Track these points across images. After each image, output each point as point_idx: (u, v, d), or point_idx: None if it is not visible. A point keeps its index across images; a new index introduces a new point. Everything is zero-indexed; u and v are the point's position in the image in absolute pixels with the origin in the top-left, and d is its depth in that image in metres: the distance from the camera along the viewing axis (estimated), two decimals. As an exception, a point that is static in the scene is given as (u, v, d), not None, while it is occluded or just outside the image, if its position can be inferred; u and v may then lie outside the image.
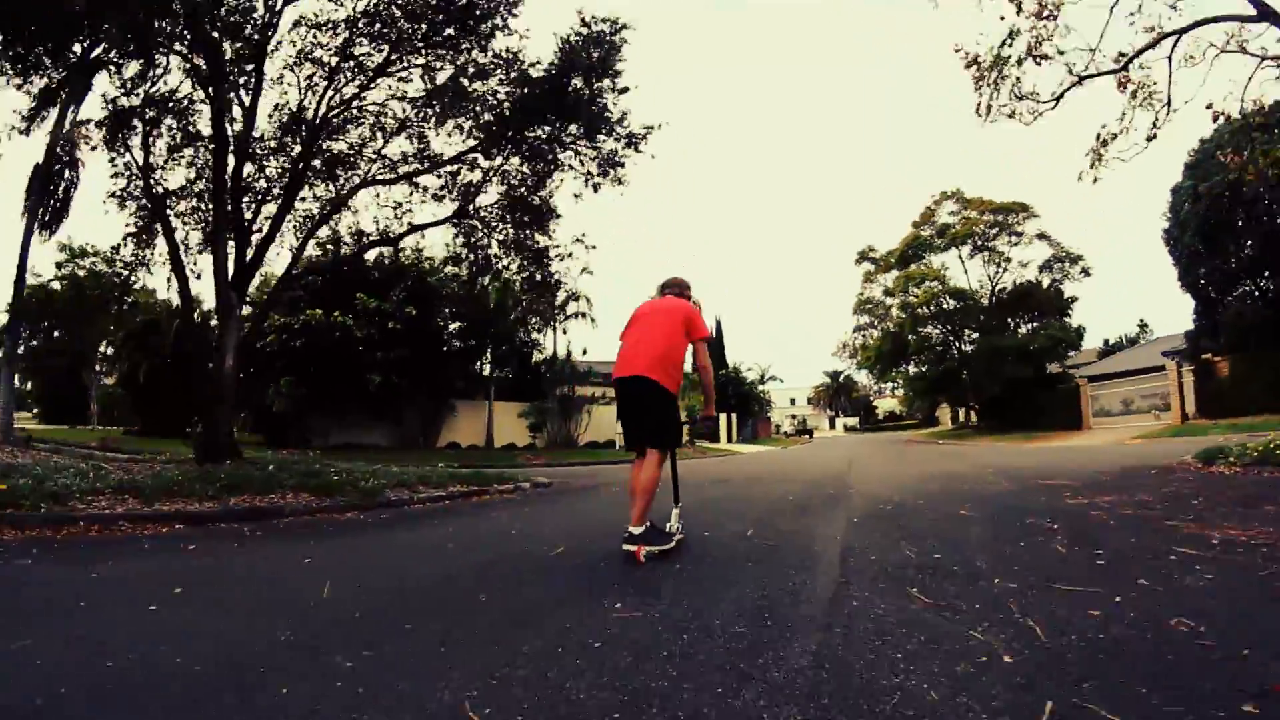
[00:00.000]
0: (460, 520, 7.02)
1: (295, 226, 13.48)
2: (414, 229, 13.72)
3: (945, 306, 36.67)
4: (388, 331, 24.12)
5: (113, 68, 10.87)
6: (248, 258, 11.73)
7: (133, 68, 10.78)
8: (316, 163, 12.42)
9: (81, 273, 34.67)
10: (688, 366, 4.97)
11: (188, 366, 30.44)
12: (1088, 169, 11.60)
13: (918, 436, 44.68)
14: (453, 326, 29.70)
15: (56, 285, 35.01)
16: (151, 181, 11.66)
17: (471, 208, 13.23)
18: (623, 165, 12.07)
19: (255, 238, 11.98)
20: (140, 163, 11.46)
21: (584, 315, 33.76)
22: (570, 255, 14.30)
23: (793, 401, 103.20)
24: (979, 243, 37.02)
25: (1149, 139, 11.27)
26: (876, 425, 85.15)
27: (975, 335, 37.79)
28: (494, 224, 13.50)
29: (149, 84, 10.90)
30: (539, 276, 14.42)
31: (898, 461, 15.90)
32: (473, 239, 14.21)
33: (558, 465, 20.88)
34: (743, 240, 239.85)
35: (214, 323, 32.58)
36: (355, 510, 7.47)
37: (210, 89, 10.56)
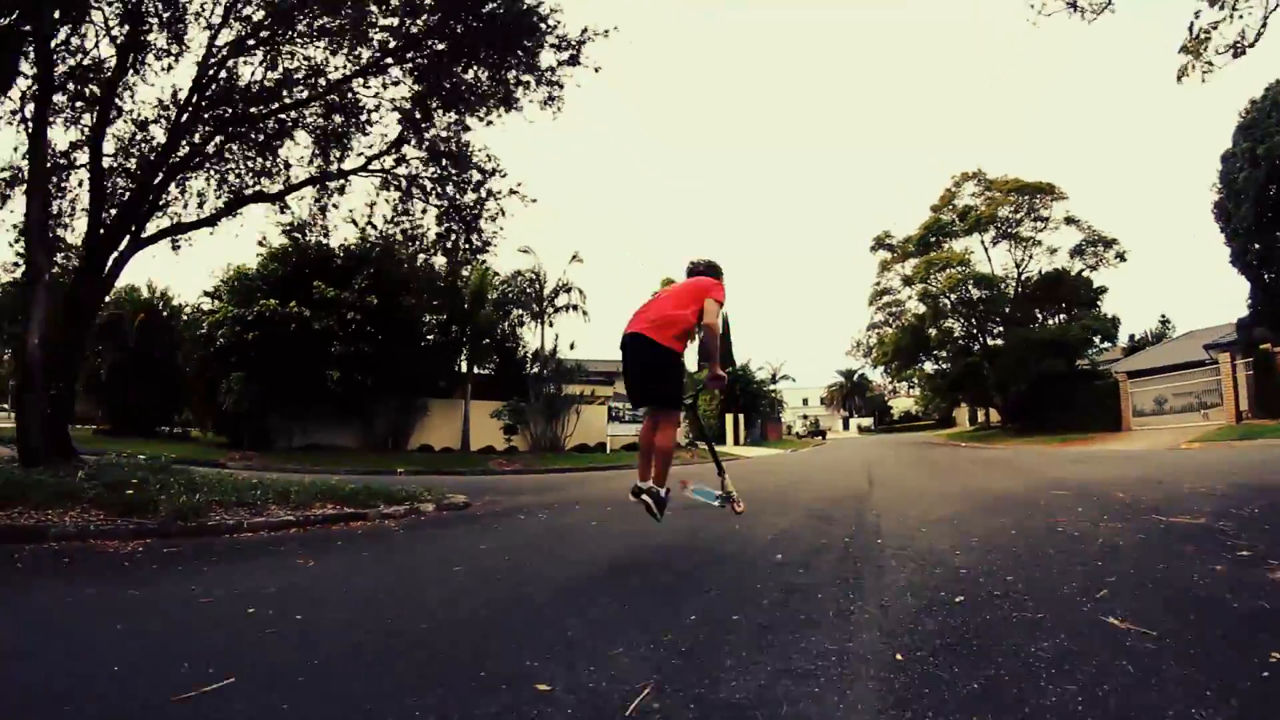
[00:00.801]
0: (227, 576, 4.34)
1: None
2: (303, 184, 11.11)
3: (970, 295, 33.80)
4: (348, 323, 21.93)
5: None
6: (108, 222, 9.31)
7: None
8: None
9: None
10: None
11: (154, 361, 28.65)
12: (1191, 61, 8.97)
13: (937, 438, 41.79)
14: (427, 319, 27.24)
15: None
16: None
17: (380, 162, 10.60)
18: (561, 85, 9.40)
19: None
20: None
21: (575, 308, 31.39)
22: (501, 213, 11.60)
23: (805, 402, 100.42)
24: (1003, 228, 34.14)
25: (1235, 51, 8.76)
26: (891, 426, 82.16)
27: (999, 329, 34.94)
28: (411, 178, 10.85)
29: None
30: (468, 240, 11.69)
31: (928, 472, 13.10)
32: (403, 203, 11.65)
33: (529, 473, 18.64)
34: (755, 235, 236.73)
35: (183, 314, 31.49)
36: (146, 538, 5.60)
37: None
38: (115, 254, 9.39)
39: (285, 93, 9.85)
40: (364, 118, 10.49)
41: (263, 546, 5.57)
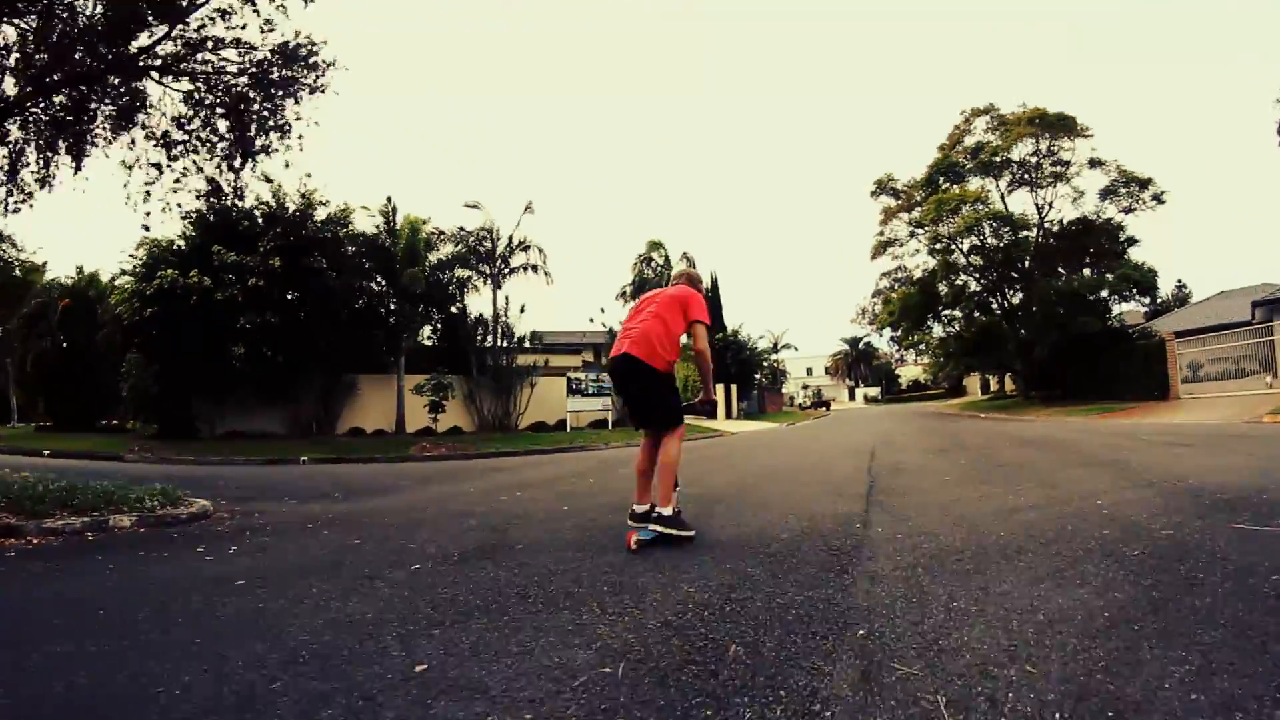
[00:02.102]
0: None
1: None
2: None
3: (986, 241, 29.46)
4: (253, 292, 18.58)
5: None
6: None
7: None
8: None
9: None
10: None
11: (79, 349, 25.04)
12: None
13: (950, 408, 37.69)
14: (361, 284, 23.20)
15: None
16: None
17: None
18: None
19: None
20: None
21: (535, 269, 27.37)
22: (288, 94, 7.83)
23: (809, 371, 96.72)
24: (1019, 173, 29.71)
25: None
26: (899, 395, 78.09)
27: (1019, 285, 30.69)
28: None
29: None
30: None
31: (954, 457, 9.23)
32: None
33: (456, 457, 15.47)
34: (757, 202, 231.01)
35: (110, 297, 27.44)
36: None
37: None
38: None
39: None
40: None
41: None
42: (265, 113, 9.76)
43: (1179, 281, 56.94)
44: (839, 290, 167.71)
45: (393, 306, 23.70)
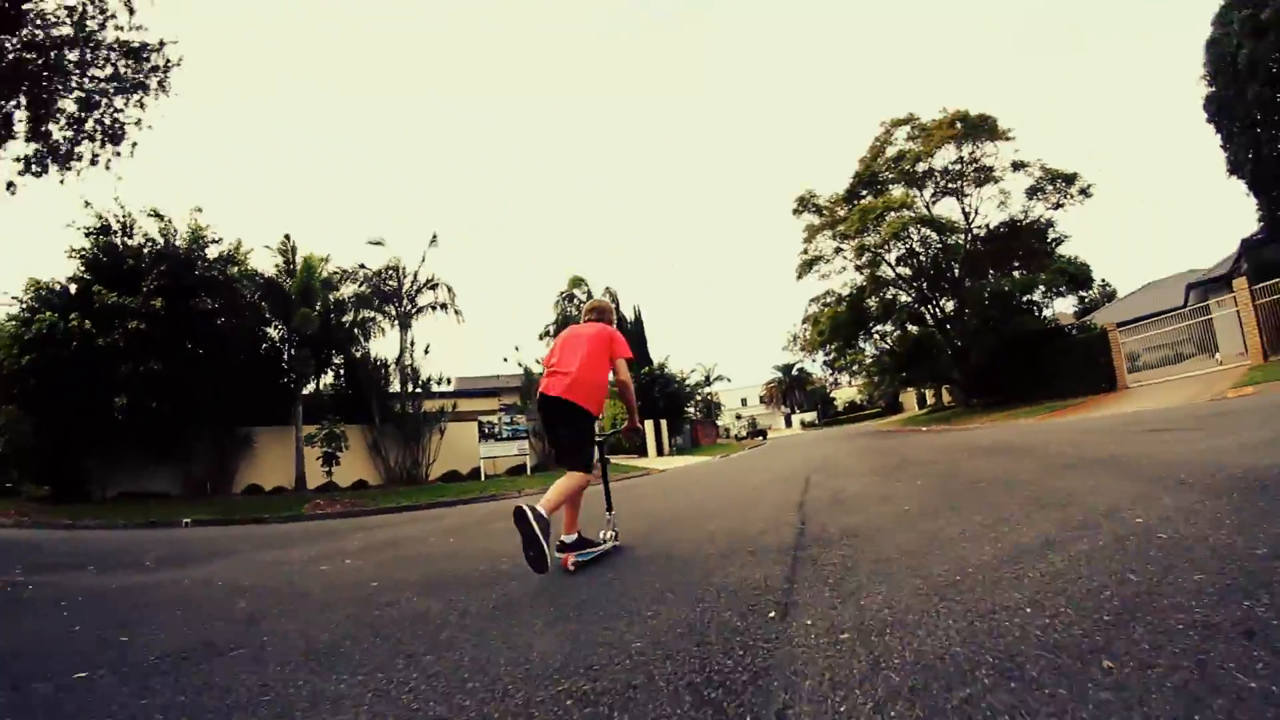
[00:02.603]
0: None
1: None
2: None
3: (916, 250, 28.60)
4: (134, 336, 16.81)
5: None
6: None
7: None
8: None
9: None
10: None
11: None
12: None
13: (888, 425, 36.62)
14: (257, 327, 21.10)
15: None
16: None
17: None
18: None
19: None
20: None
21: (444, 307, 25.38)
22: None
23: (744, 402, 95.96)
24: (943, 181, 29.04)
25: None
26: (836, 418, 77.53)
27: (949, 295, 29.87)
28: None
29: None
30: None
31: (909, 478, 7.65)
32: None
33: (353, 515, 13.94)
34: (682, 235, 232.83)
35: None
36: None
37: None
38: None
39: None
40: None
41: None
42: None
43: (1103, 281, 57.79)
44: (769, 319, 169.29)
45: (281, 351, 21.40)
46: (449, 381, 23.77)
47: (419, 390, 23.20)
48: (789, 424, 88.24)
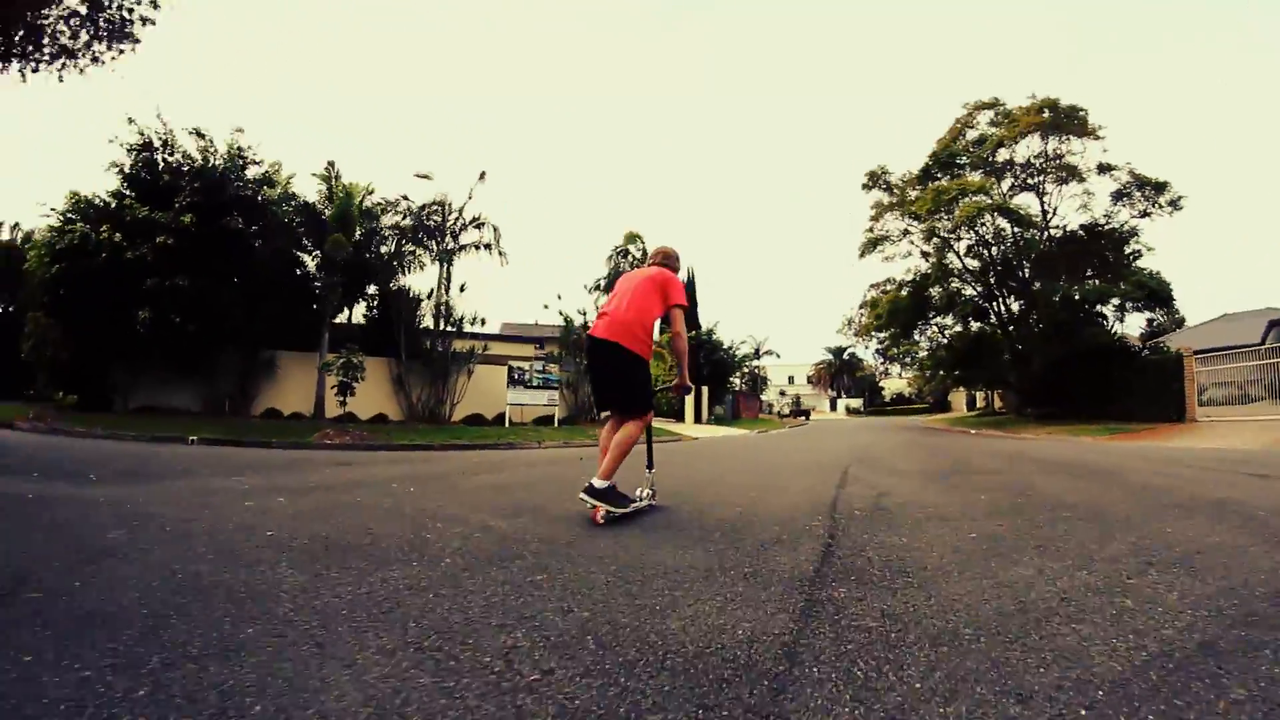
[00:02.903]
0: None
1: None
2: None
3: (988, 240, 26.77)
4: (161, 251, 16.49)
5: None
6: None
7: None
8: None
9: None
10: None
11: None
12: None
13: (935, 423, 34.93)
14: (292, 252, 20.92)
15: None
16: None
17: None
18: None
19: None
20: None
21: (488, 247, 24.47)
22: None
23: (791, 380, 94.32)
24: (1022, 176, 26.98)
25: None
26: (882, 408, 75.47)
27: (1017, 293, 27.96)
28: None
29: None
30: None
31: (964, 486, 6.46)
32: None
33: (357, 448, 13.12)
34: (745, 206, 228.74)
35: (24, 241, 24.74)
36: None
37: None
38: None
39: None
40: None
41: None
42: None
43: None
44: (825, 300, 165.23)
45: (317, 277, 20.88)
46: (483, 322, 22.86)
47: (450, 329, 22.40)
48: (834, 408, 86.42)
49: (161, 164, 17.94)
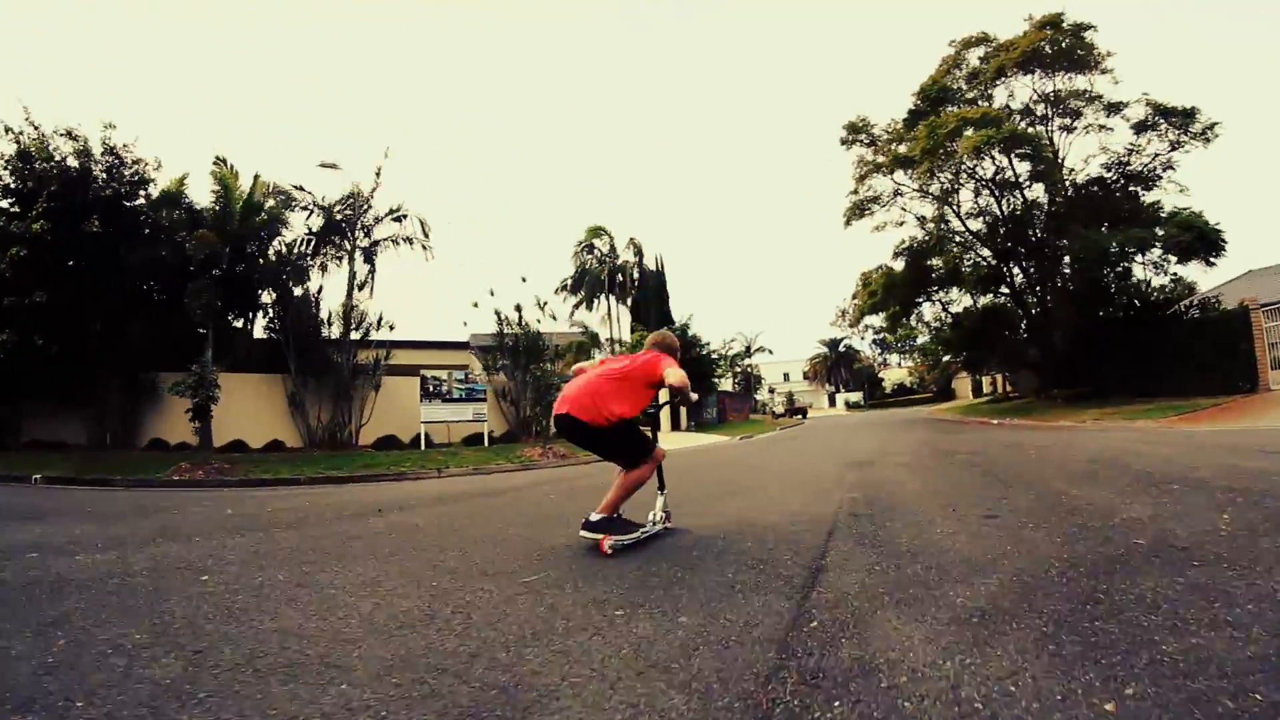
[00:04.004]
0: None
1: None
2: None
3: (998, 188, 22.84)
4: (20, 265, 14.55)
5: None
6: None
7: None
8: None
9: None
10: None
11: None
12: None
13: (946, 413, 31.00)
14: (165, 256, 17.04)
15: None
16: None
17: None
18: None
19: None
20: None
21: (409, 241, 20.76)
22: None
23: (786, 377, 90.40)
24: (1024, 122, 23.08)
25: None
26: (884, 400, 71.59)
27: (1030, 258, 24.06)
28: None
29: None
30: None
31: (1064, 537, 2.32)
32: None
33: (210, 485, 11.17)
34: (731, 199, 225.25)
35: None
36: None
37: None
38: None
39: None
40: None
41: None
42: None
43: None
44: (818, 293, 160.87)
45: (180, 283, 17.05)
46: (391, 327, 19.03)
47: (355, 338, 18.61)
48: (832, 403, 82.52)
49: (25, 170, 15.48)
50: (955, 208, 24.19)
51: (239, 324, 19.80)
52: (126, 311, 16.17)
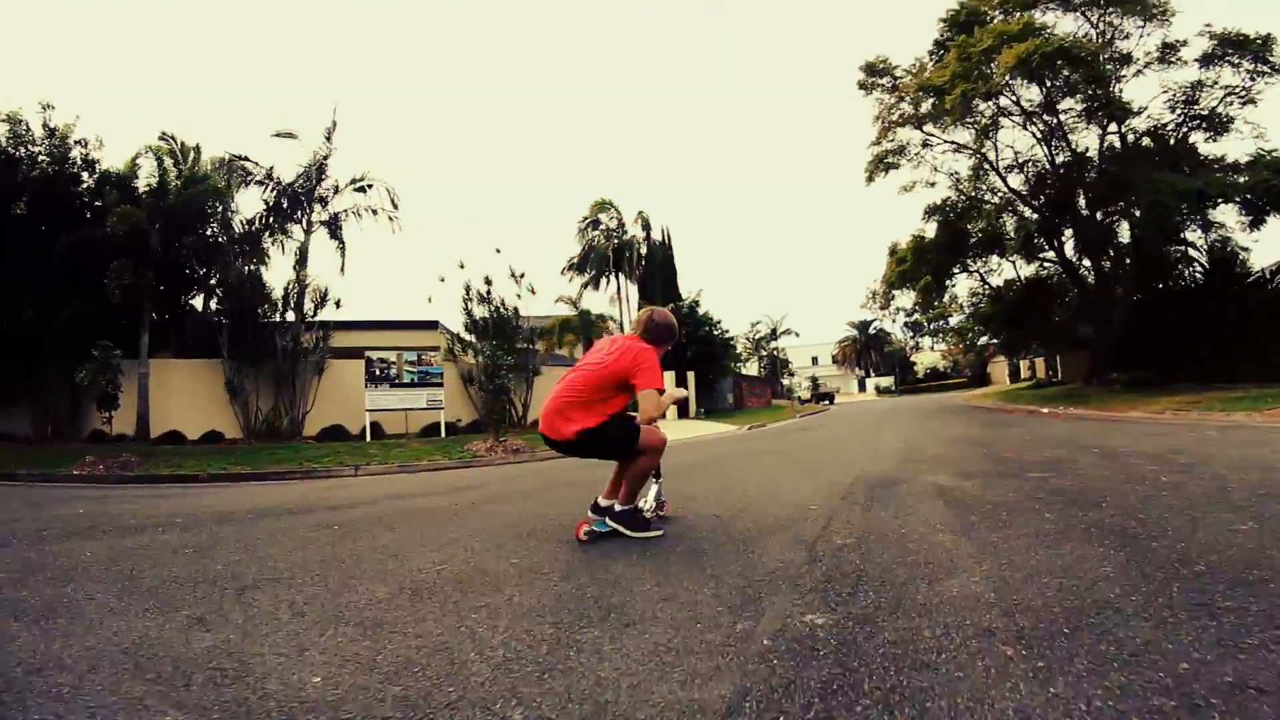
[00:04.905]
0: None
1: None
2: None
3: (1043, 131, 19.69)
4: None
5: None
6: None
7: None
8: None
9: None
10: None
11: None
12: None
13: (983, 400, 27.87)
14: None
15: None
16: None
17: None
18: None
19: None
20: None
21: (373, 212, 18.64)
22: None
23: (815, 360, 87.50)
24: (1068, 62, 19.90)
25: None
26: (915, 385, 68.16)
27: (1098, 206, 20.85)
28: None
29: None
30: None
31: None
32: None
33: (111, 481, 10.09)
34: (755, 178, 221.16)
35: None
36: None
37: None
38: None
39: None
40: None
41: None
42: None
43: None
44: (850, 271, 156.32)
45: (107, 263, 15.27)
46: (338, 304, 16.95)
47: (289, 318, 16.62)
48: (862, 388, 79.23)
49: None
50: (994, 158, 21.06)
51: (195, 306, 18.11)
52: (59, 297, 15.18)
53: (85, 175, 16.37)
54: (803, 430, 16.19)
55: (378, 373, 15.18)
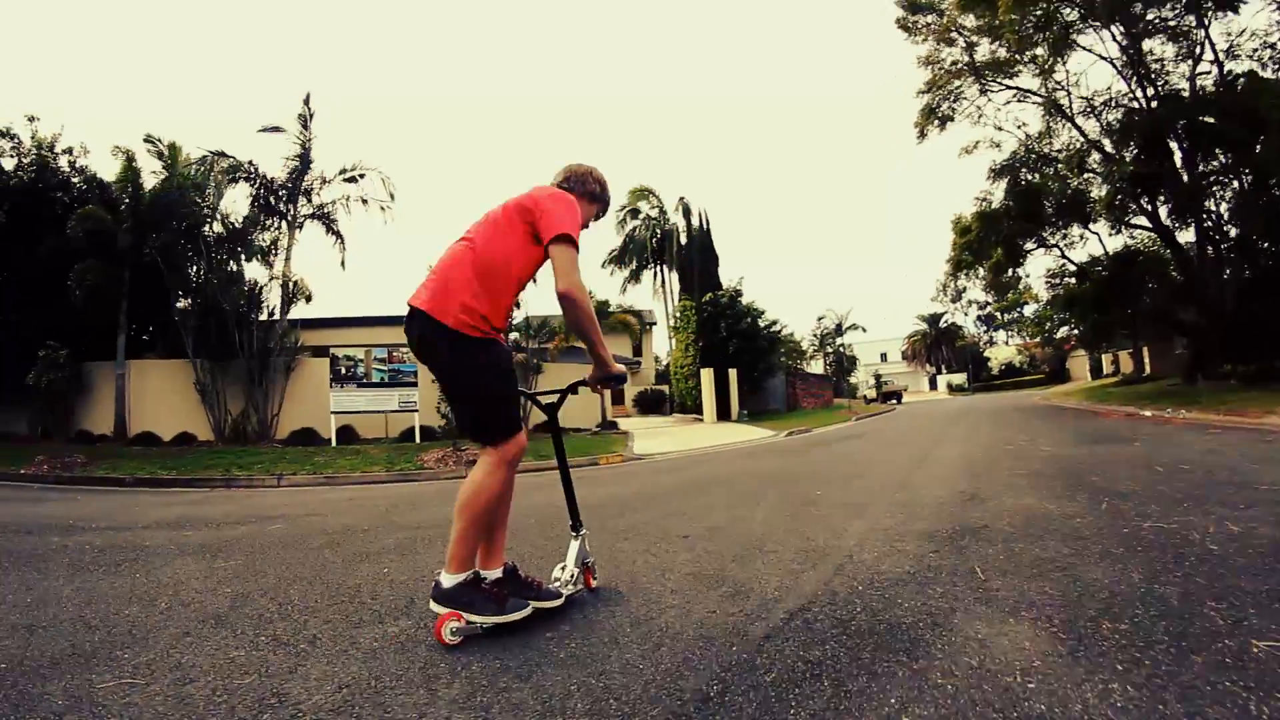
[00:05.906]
0: None
1: None
2: None
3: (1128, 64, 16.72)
4: None
5: None
6: None
7: None
8: None
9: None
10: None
11: None
12: None
13: (1066, 399, 24.43)
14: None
15: None
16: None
17: None
18: None
19: None
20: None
21: (363, 202, 17.43)
22: None
23: (884, 357, 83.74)
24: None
25: None
26: (989, 383, 63.88)
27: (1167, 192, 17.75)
28: None
29: None
30: None
31: None
32: None
33: (61, 484, 9.61)
34: (821, 166, 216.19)
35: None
36: None
37: None
38: None
39: None
40: None
41: None
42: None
43: None
44: (921, 262, 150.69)
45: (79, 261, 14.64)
46: (308, 299, 15.62)
47: (271, 319, 15.51)
48: (933, 385, 74.87)
49: None
50: (1066, 103, 17.98)
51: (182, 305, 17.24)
52: (38, 301, 15.48)
53: (76, 181, 16.61)
54: (843, 439, 13.49)
55: (344, 371, 13.58)
